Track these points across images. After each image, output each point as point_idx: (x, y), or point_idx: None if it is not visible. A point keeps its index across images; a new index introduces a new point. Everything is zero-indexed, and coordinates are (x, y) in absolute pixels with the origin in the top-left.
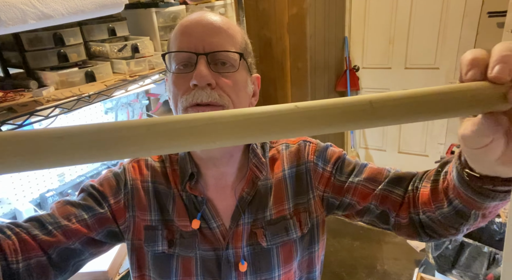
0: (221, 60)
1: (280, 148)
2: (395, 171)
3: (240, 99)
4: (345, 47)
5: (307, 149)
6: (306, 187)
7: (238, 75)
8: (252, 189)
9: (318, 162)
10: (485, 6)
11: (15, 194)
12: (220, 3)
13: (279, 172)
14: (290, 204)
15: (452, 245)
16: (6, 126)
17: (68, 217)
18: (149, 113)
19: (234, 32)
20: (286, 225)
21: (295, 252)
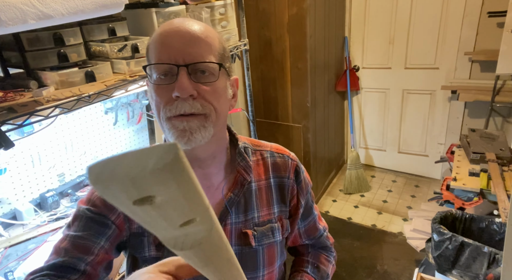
0: (201, 69)
1: (265, 154)
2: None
3: (221, 105)
4: (345, 47)
5: (289, 165)
6: (286, 198)
7: (218, 83)
8: (240, 190)
9: (295, 183)
10: (485, 6)
11: (15, 194)
12: (220, 3)
13: (265, 178)
14: (275, 210)
15: (452, 245)
16: (6, 126)
17: (88, 251)
18: (149, 113)
19: (212, 40)
20: (272, 228)
21: (277, 253)
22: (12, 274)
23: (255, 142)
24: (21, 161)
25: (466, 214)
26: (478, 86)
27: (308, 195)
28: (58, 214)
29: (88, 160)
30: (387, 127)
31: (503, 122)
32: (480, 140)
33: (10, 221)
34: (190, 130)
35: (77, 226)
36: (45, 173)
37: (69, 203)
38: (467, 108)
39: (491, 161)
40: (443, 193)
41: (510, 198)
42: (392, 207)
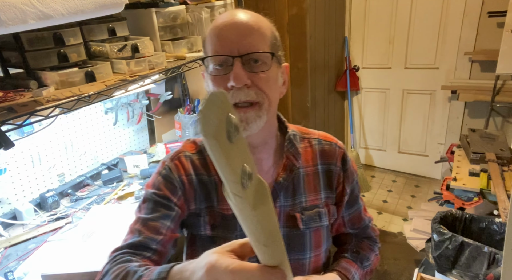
0: (254, 59)
1: (313, 141)
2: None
3: (273, 93)
4: (345, 47)
5: (337, 153)
6: (333, 185)
7: (271, 71)
8: (289, 176)
9: (342, 171)
10: (485, 6)
11: (15, 194)
12: (220, 3)
13: (312, 164)
14: (322, 195)
15: (452, 245)
16: (6, 126)
17: (158, 232)
18: (149, 113)
19: (264, 30)
20: (319, 213)
21: (324, 238)
22: (12, 274)
23: (303, 130)
24: (21, 161)
25: (466, 214)
26: (478, 86)
27: (354, 184)
28: (58, 214)
29: (88, 159)
30: (387, 127)
31: (503, 122)
32: (480, 140)
33: (10, 221)
34: (247, 121)
35: (146, 208)
36: (45, 173)
37: (69, 203)
38: (467, 108)
39: (491, 161)
40: (443, 193)
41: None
42: (392, 207)
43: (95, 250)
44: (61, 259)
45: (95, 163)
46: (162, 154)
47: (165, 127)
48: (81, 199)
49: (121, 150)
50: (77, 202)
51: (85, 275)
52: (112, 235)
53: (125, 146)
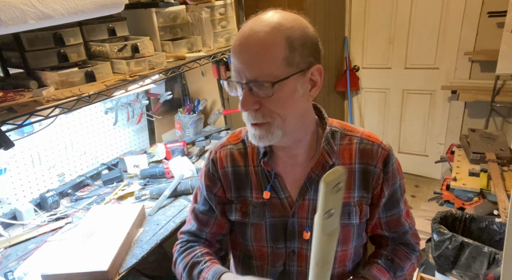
0: (263, 83)
1: (354, 140)
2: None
3: (286, 110)
4: (345, 47)
5: (379, 154)
6: (369, 185)
7: (281, 93)
8: (321, 172)
9: (382, 172)
10: (485, 6)
11: (15, 194)
12: (220, 3)
13: (350, 162)
14: (355, 194)
15: (452, 245)
16: (6, 126)
17: (206, 224)
18: (149, 113)
19: (274, 49)
20: (349, 211)
21: (353, 235)
22: (12, 274)
23: (347, 126)
24: (21, 161)
25: (466, 214)
26: (478, 86)
27: (396, 187)
28: (58, 214)
29: (88, 159)
30: (387, 127)
31: (503, 122)
32: (480, 140)
33: (10, 221)
34: (259, 136)
35: (198, 200)
36: (45, 173)
37: (69, 203)
38: (467, 108)
39: (491, 161)
40: (443, 193)
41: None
42: None
43: (95, 250)
44: (61, 259)
45: (95, 163)
46: (162, 154)
47: (165, 127)
48: (81, 199)
49: (121, 150)
50: (77, 202)
51: (85, 275)
52: (112, 235)
53: (125, 146)
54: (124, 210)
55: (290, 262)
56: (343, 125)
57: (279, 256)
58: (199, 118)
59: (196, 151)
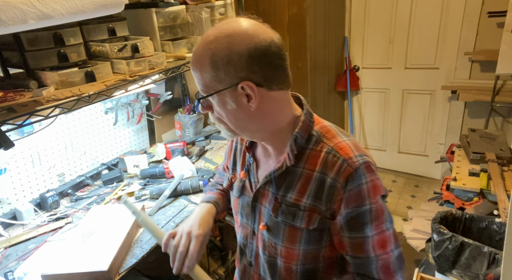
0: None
1: (325, 148)
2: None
3: (225, 119)
4: (345, 47)
5: (342, 169)
6: (323, 196)
7: (215, 104)
8: (280, 169)
9: (343, 190)
10: (485, 6)
11: (15, 194)
12: (220, 3)
13: (313, 169)
14: (308, 200)
15: (452, 245)
16: (6, 126)
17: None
18: (149, 113)
19: (200, 70)
20: (295, 213)
21: (300, 238)
22: (12, 274)
23: (328, 133)
24: (21, 161)
25: (466, 214)
26: (478, 86)
27: (362, 211)
28: (58, 214)
29: (88, 159)
30: (387, 127)
31: (503, 122)
32: (480, 140)
33: (10, 221)
34: (226, 134)
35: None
36: (45, 173)
37: (69, 203)
38: (467, 108)
39: (491, 161)
40: (443, 193)
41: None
42: (392, 207)
43: (95, 250)
44: (61, 259)
45: (95, 163)
46: (162, 154)
47: (165, 127)
48: (81, 199)
49: (121, 150)
50: (77, 202)
51: (85, 275)
52: (112, 235)
53: (125, 146)
54: (124, 210)
55: (251, 240)
56: (325, 131)
57: (245, 231)
58: (199, 118)
59: (196, 151)
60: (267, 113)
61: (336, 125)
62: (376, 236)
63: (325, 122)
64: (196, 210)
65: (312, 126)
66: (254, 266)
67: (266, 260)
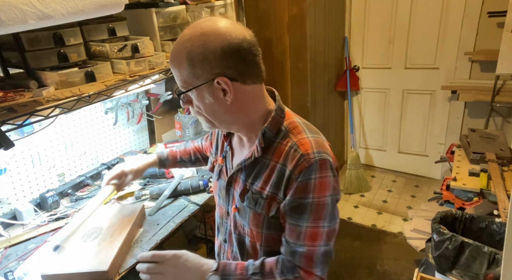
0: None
1: (289, 143)
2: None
3: (203, 112)
4: (345, 47)
5: (298, 163)
6: (282, 185)
7: (194, 99)
8: (250, 159)
9: (296, 180)
10: (485, 6)
11: (15, 194)
12: (220, 3)
13: (278, 161)
14: (270, 189)
15: (452, 245)
16: (6, 126)
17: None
18: (149, 113)
19: (178, 68)
20: (257, 200)
21: (262, 223)
22: (12, 274)
23: (295, 129)
24: (21, 161)
25: (466, 214)
26: (478, 86)
27: (305, 202)
28: (58, 214)
29: (88, 159)
30: (387, 127)
31: (503, 122)
32: (480, 140)
33: (10, 221)
34: (205, 126)
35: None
36: (45, 173)
37: (69, 203)
38: (467, 108)
39: (491, 161)
40: (443, 193)
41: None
42: (392, 207)
43: (95, 250)
44: (61, 259)
45: (95, 163)
46: None
47: (165, 127)
48: (81, 199)
49: (121, 150)
50: (77, 202)
51: (85, 275)
52: (112, 235)
53: (125, 146)
54: (124, 210)
55: (226, 220)
56: (292, 127)
57: (221, 211)
58: None
59: None
60: (242, 106)
61: (307, 122)
62: (310, 229)
63: (295, 118)
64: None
65: (282, 121)
66: (228, 243)
67: (237, 238)
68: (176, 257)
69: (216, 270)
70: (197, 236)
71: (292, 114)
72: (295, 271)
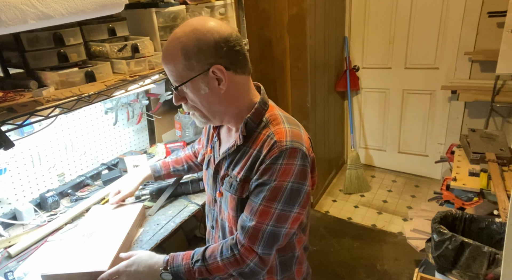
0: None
1: (267, 132)
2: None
3: (202, 105)
4: (345, 47)
5: (270, 147)
6: (253, 168)
7: (190, 91)
8: (233, 147)
9: (264, 162)
10: (485, 6)
11: (15, 194)
12: (220, 3)
13: (255, 148)
14: (243, 173)
15: (452, 245)
16: (6, 126)
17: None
18: (149, 113)
19: (172, 63)
20: (232, 183)
21: (236, 206)
22: (12, 274)
23: (275, 120)
24: (21, 161)
25: (466, 214)
26: (478, 86)
27: (265, 183)
28: (58, 214)
29: (88, 160)
30: (387, 127)
31: (503, 122)
32: (480, 140)
33: (10, 221)
34: (196, 122)
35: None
36: (45, 173)
37: (69, 203)
38: (467, 108)
39: (491, 161)
40: (443, 193)
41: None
42: (392, 207)
43: (95, 250)
44: (61, 259)
45: (95, 163)
46: (162, 154)
47: (165, 127)
48: (81, 199)
49: (121, 150)
50: (77, 202)
51: (85, 275)
52: (112, 235)
53: (125, 146)
54: (124, 210)
55: (213, 207)
56: (272, 118)
57: (209, 198)
58: None
59: None
60: (233, 96)
61: (289, 115)
62: (262, 207)
63: (277, 111)
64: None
65: (264, 113)
66: (215, 229)
67: (220, 223)
68: (128, 266)
69: (166, 265)
70: (197, 236)
71: (275, 107)
72: (235, 248)
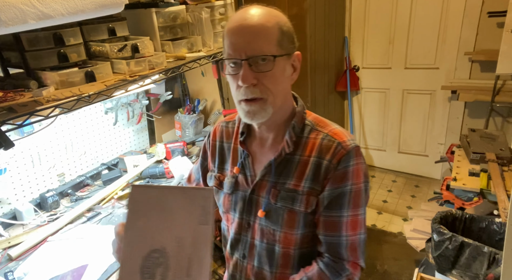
0: (261, 58)
1: (320, 135)
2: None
3: (278, 88)
4: (345, 47)
5: (336, 151)
6: (321, 180)
7: (276, 68)
8: (279, 157)
9: (334, 169)
10: (485, 6)
11: (15, 194)
12: (220, 3)
13: (309, 155)
14: (306, 184)
15: (452, 245)
16: (6, 126)
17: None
18: (149, 113)
19: (269, 30)
20: (294, 197)
21: (298, 222)
22: (12, 274)
23: (320, 122)
24: (21, 161)
25: (466, 214)
26: (478, 86)
27: (345, 190)
28: (58, 214)
29: (88, 160)
30: (387, 127)
31: (503, 122)
32: (480, 140)
33: (10, 221)
34: (253, 112)
35: (195, 165)
36: (45, 173)
37: (69, 203)
38: (467, 108)
39: (491, 161)
40: (443, 193)
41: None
42: (392, 207)
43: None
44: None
45: (95, 163)
46: (162, 154)
47: (165, 127)
48: (81, 199)
49: (121, 150)
50: (77, 202)
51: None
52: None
53: (125, 146)
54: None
55: (246, 233)
56: (317, 120)
57: (239, 225)
58: (199, 118)
59: (196, 151)
60: (289, 93)
61: None
62: (350, 218)
63: (312, 113)
64: None
65: (305, 117)
66: (247, 258)
67: (264, 247)
68: None
69: None
70: None
71: (310, 112)
72: (344, 269)
